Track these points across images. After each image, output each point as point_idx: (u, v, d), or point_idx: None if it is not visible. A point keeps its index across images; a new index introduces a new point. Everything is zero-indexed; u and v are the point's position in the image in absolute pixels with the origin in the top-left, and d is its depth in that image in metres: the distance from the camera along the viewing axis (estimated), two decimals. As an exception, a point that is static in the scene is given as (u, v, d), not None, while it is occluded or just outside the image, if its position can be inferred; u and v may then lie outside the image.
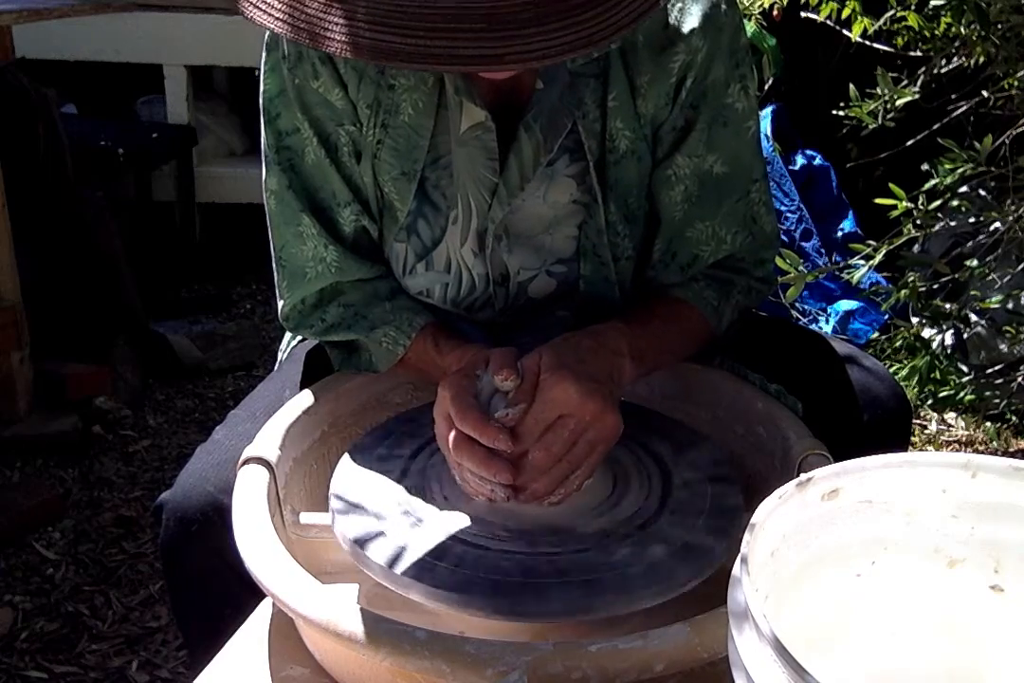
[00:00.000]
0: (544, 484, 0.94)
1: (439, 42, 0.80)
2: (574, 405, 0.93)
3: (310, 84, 1.14)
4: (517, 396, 0.94)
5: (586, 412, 0.93)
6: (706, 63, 1.13)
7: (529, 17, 0.81)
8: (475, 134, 1.12)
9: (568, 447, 0.93)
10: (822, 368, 1.23)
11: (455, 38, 0.80)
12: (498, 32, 0.80)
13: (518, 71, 1.02)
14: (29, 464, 2.36)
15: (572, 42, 0.81)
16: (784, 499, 0.69)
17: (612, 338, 1.04)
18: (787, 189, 2.85)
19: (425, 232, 1.19)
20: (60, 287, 2.62)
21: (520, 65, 0.82)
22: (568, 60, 1.09)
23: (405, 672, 0.80)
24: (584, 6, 0.82)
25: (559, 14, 0.81)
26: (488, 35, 0.80)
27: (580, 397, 0.93)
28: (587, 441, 0.94)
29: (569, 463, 0.94)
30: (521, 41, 0.80)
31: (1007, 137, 2.14)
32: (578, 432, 0.93)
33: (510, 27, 0.80)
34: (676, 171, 1.17)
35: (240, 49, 3.28)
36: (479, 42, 0.80)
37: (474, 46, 0.80)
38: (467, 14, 0.80)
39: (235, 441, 1.13)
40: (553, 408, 0.93)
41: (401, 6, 0.81)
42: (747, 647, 0.59)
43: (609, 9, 0.83)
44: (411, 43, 0.80)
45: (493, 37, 0.80)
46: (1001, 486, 0.72)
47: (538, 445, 0.93)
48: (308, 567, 0.89)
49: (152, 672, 1.80)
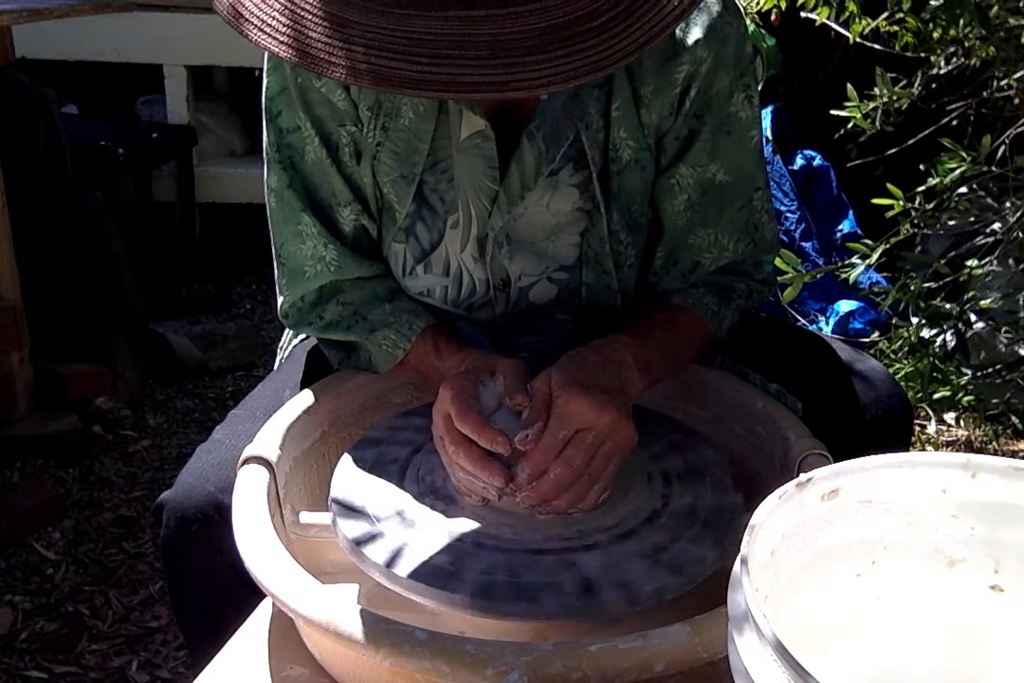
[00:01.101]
0: (567, 499, 0.94)
1: (444, 69, 0.80)
2: (589, 419, 0.93)
3: (313, 83, 1.14)
4: (531, 416, 0.95)
5: (602, 425, 0.93)
6: (710, 73, 1.13)
7: (534, 44, 0.81)
8: (475, 142, 1.12)
9: (588, 461, 0.94)
10: (822, 368, 1.23)
11: (459, 65, 0.80)
12: (503, 59, 0.80)
13: (523, 97, 1.02)
14: (29, 464, 2.36)
15: (577, 69, 0.82)
16: (784, 499, 0.69)
17: (616, 351, 1.04)
18: (787, 189, 2.85)
19: (423, 235, 1.19)
20: (60, 287, 2.62)
21: (524, 92, 0.82)
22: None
23: (405, 672, 0.80)
24: (590, 33, 0.82)
25: (564, 41, 0.82)
26: (493, 62, 0.80)
27: (594, 410, 0.93)
28: (604, 453, 0.94)
29: (590, 476, 0.94)
30: (526, 68, 0.80)
31: (1007, 137, 2.14)
32: (596, 445, 0.94)
33: (515, 54, 0.81)
34: (679, 180, 1.17)
35: (240, 49, 3.28)
36: (484, 69, 0.80)
37: (479, 73, 0.80)
38: (472, 41, 0.80)
39: (235, 441, 1.13)
40: (570, 424, 0.93)
41: (406, 32, 0.81)
42: (747, 647, 0.59)
43: (615, 35, 0.83)
44: (416, 70, 0.80)
45: (497, 64, 0.80)
46: (1001, 486, 0.72)
47: (559, 461, 0.93)
48: (308, 567, 0.89)
49: (152, 672, 1.80)
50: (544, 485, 0.93)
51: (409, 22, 0.82)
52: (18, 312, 2.38)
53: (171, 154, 3.42)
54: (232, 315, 3.19)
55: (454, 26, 0.81)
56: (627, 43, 0.84)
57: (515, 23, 0.82)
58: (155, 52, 3.42)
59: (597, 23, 0.83)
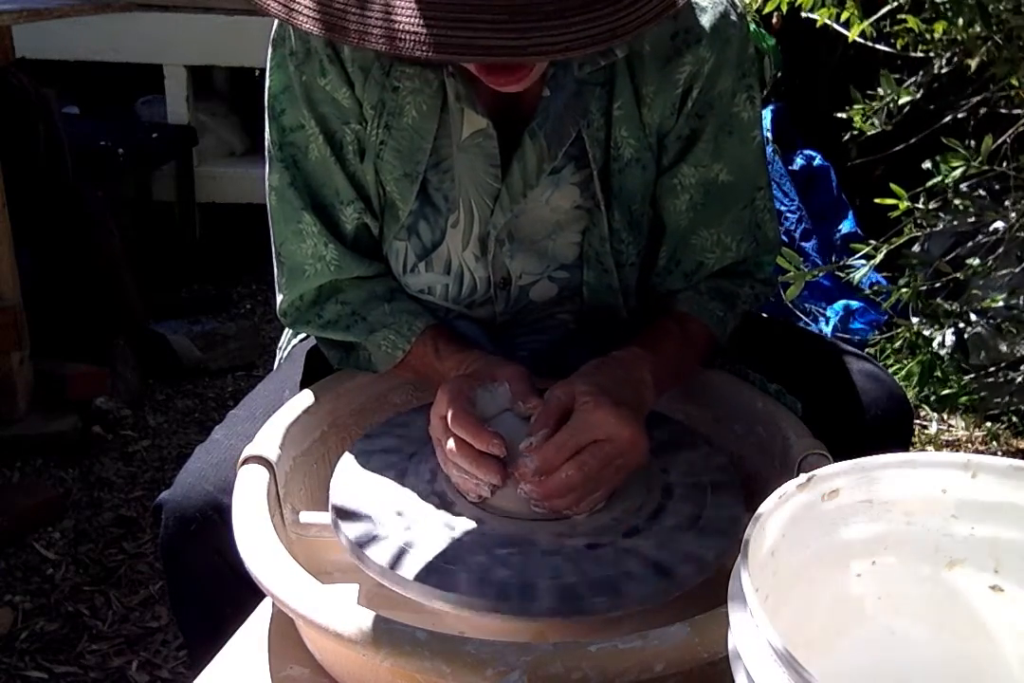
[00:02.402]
0: (569, 501, 0.94)
1: (460, 32, 0.80)
2: (612, 430, 0.93)
3: (317, 81, 1.14)
4: (538, 422, 0.95)
5: (623, 439, 0.94)
6: (713, 74, 1.12)
7: (552, 10, 0.81)
8: (476, 141, 1.12)
9: (600, 470, 0.94)
10: (822, 368, 1.23)
11: (476, 28, 0.80)
12: (520, 24, 0.80)
13: (541, 62, 1.01)
14: (29, 464, 2.36)
15: (595, 35, 0.81)
16: (784, 499, 0.69)
17: (638, 368, 1.04)
18: (787, 189, 2.85)
19: (425, 233, 1.19)
20: (60, 287, 2.62)
21: (542, 57, 0.82)
22: (576, 68, 1.09)
23: (405, 672, 0.80)
24: (606, 0, 0.82)
25: (581, 8, 0.81)
26: (510, 26, 0.80)
27: (619, 423, 0.93)
28: (616, 466, 0.95)
29: (596, 483, 0.94)
30: (543, 33, 0.80)
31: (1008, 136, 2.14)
32: (612, 455, 0.94)
33: (532, 19, 0.80)
34: (681, 180, 1.17)
35: (240, 49, 3.29)
36: (501, 33, 0.80)
37: (496, 37, 0.80)
38: (489, 5, 0.80)
39: (234, 441, 1.13)
40: (592, 430, 0.93)
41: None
42: (747, 647, 0.59)
43: (631, 4, 0.83)
44: (433, 33, 0.80)
45: (515, 28, 0.80)
46: (1001, 486, 0.72)
47: (572, 463, 0.93)
48: (308, 567, 0.89)
49: (152, 672, 1.80)
50: (552, 483, 0.93)
51: None
52: (18, 312, 2.38)
53: (171, 154, 3.42)
54: (232, 315, 3.19)
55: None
56: (644, 11, 0.83)
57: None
58: (155, 52, 3.42)
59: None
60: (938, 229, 2.07)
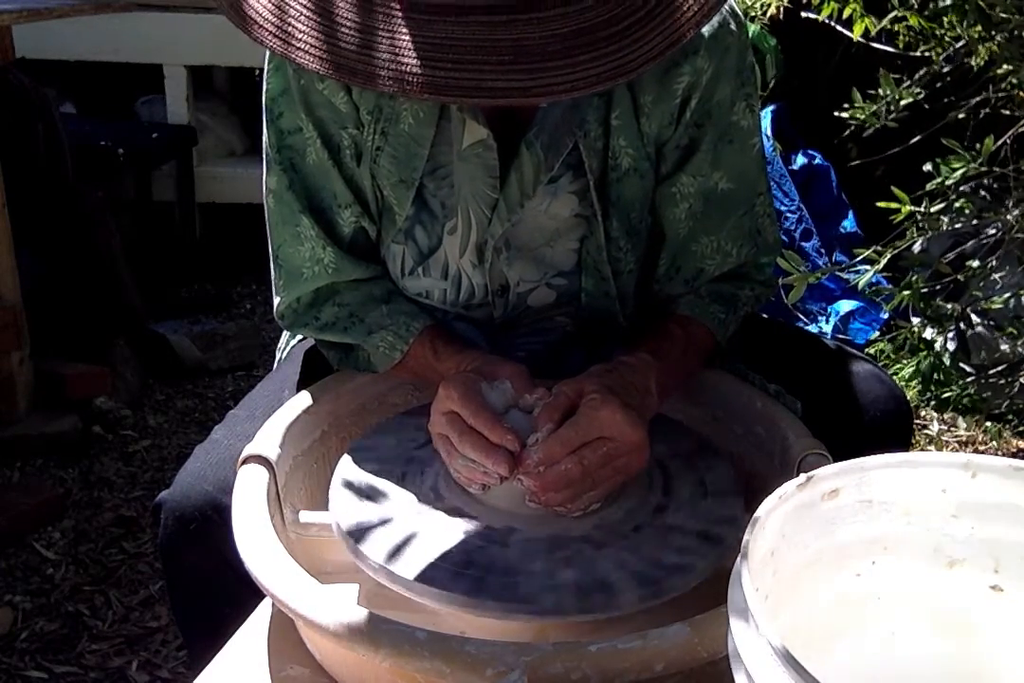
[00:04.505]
0: (563, 495, 0.94)
1: (467, 74, 0.80)
2: (617, 430, 0.93)
3: (315, 85, 1.13)
4: (542, 417, 0.95)
5: (627, 441, 0.93)
6: (712, 83, 1.12)
7: (557, 49, 0.81)
8: (476, 151, 1.12)
9: (599, 467, 0.93)
10: (822, 369, 1.23)
11: (483, 70, 0.80)
12: (525, 64, 0.81)
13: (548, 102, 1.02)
14: (29, 464, 2.36)
15: (600, 74, 0.82)
16: (784, 499, 0.69)
17: (644, 377, 1.04)
18: (787, 189, 2.85)
19: (422, 239, 1.19)
20: (60, 287, 2.62)
21: (548, 98, 0.82)
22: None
23: (405, 672, 0.80)
24: (611, 38, 0.82)
25: (587, 46, 0.82)
26: (516, 67, 0.81)
27: (626, 424, 0.93)
28: (615, 467, 0.94)
29: (593, 481, 0.94)
30: (549, 73, 0.81)
31: (1009, 137, 2.14)
32: (613, 456, 0.94)
33: (538, 59, 0.81)
34: (680, 189, 1.17)
35: (240, 49, 3.28)
36: (508, 74, 0.80)
37: (503, 78, 0.80)
38: (494, 46, 0.80)
39: (234, 441, 1.13)
40: (597, 427, 0.93)
41: (427, 38, 0.81)
42: (747, 647, 0.59)
43: (636, 41, 0.83)
44: (439, 75, 0.80)
45: (521, 69, 0.81)
46: (1001, 486, 0.72)
47: (573, 457, 0.92)
48: (308, 567, 0.89)
49: (152, 672, 1.80)
50: (550, 474, 0.92)
51: (431, 28, 0.83)
52: (18, 312, 2.38)
53: (171, 154, 3.42)
54: (232, 315, 3.19)
55: (476, 31, 0.82)
56: (649, 48, 0.84)
57: (537, 28, 0.82)
58: (155, 52, 3.42)
59: (618, 28, 0.84)
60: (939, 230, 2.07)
